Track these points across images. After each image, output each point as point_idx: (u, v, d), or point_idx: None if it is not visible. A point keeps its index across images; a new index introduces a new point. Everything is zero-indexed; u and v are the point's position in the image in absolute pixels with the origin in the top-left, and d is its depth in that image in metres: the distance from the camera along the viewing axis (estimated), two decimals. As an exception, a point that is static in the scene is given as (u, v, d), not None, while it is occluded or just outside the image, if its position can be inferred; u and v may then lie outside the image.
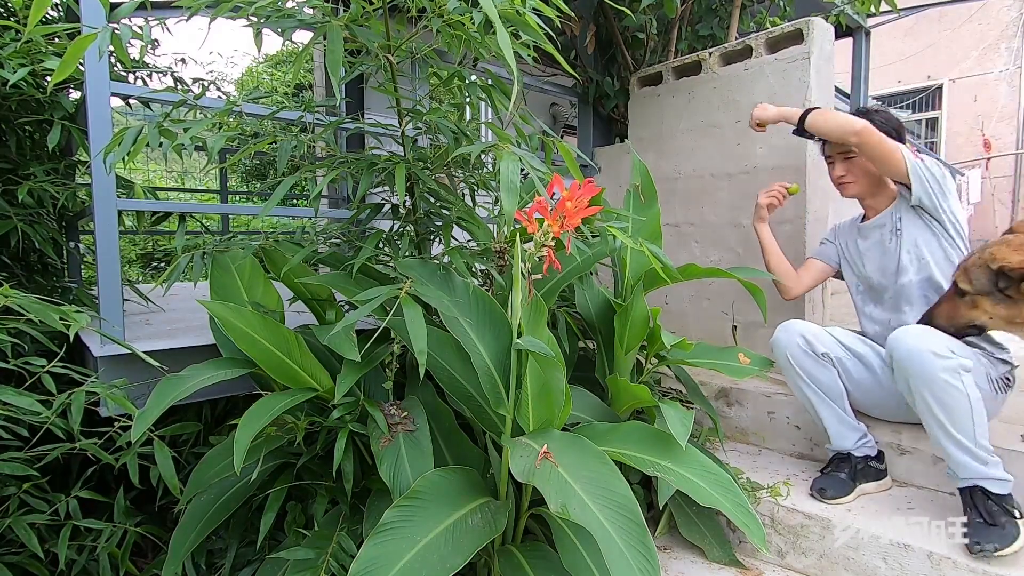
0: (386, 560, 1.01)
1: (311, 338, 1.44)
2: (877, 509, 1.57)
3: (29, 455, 1.34)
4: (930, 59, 9.14)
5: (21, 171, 1.94)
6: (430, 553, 1.03)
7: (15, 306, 1.13)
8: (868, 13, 3.56)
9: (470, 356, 1.25)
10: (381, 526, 1.06)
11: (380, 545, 1.03)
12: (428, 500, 1.13)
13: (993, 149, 8.69)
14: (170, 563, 1.32)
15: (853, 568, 1.47)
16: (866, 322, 1.83)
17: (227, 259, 1.54)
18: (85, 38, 1.12)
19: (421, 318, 1.12)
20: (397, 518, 1.08)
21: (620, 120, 2.93)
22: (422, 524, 1.08)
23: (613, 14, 2.68)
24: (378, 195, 1.68)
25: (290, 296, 1.61)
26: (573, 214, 1.05)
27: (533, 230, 1.09)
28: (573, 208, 1.04)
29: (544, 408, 1.25)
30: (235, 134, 1.63)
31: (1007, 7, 8.53)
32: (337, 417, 1.32)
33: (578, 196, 1.04)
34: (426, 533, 1.07)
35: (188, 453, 1.83)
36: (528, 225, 1.10)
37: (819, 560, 1.53)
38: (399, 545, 1.04)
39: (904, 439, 1.72)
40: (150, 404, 1.23)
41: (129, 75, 2.32)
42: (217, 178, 5.69)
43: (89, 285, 2.28)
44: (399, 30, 1.43)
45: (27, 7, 1.82)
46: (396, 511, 1.09)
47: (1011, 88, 8.57)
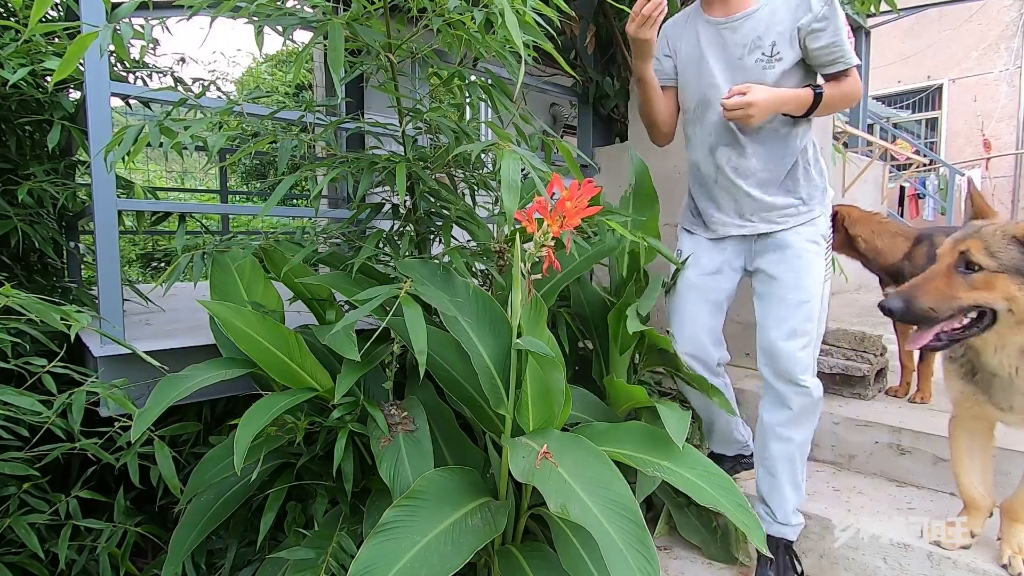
0: (385, 560, 1.01)
1: (311, 338, 1.44)
2: (877, 509, 1.57)
3: (29, 455, 1.34)
4: (930, 59, 9.14)
5: (21, 171, 1.94)
6: (430, 553, 1.03)
7: (16, 306, 1.13)
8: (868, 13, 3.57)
9: (470, 356, 1.25)
10: (381, 526, 1.06)
11: (380, 545, 1.03)
12: (428, 500, 1.13)
13: (993, 149, 8.69)
14: (170, 563, 1.32)
15: (853, 568, 1.47)
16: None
17: (227, 259, 1.54)
18: (87, 36, 1.12)
19: (421, 318, 1.12)
20: (397, 518, 1.08)
21: (620, 120, 2.93)
22: (422, 524, 1.08)
23: (613, 14, 2.68)
24: (378, 195, 1.68)
25: (290, 296, 1.61)
26: (573, 214, 1.05)
27: (533, 230, 1.09)
28: (573, 208, 1.04)
29: (544, 408, 1.25)
30: (236, 134, 1.63)
31: (1007, 7, 8.53)
32: (337, 417, 1.32)
33: (578, 196, 1.04)
34: (426, 533, 1.07)
35: (188, 453, 1.83)
36: (528, 225, 1.10)
37: (819, 560, 1.53)
38: (399, 545, 1.04)
39: (904, 439, 1.72)
40: (150, 404, 1.23)
41: (129, 75, 2.32)
42: (217, 178, 5.69)
43: (89, 285, 2.28)
44: (399, 30, 1.43)
45: (27, 7, 1.82)
46: (396, 511, 1.09)
47: (1011, 88, 8.57)
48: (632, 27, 1.42)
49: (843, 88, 1.46)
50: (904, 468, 1.71)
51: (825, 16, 1.39)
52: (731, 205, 1.58)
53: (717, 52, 1.49)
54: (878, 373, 2.10)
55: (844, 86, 1.46)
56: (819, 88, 1.43)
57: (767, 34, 1.43)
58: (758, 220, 1.55)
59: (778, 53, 1.42)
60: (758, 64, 1.44)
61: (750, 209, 1.55)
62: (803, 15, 1.40)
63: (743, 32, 1.45)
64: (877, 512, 1.55)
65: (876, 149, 4.93)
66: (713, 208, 1.62)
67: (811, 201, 1.54)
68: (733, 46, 1.46)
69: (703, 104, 1.54)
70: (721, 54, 1.48)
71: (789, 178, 1.53)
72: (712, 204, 1.62)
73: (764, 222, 1.54)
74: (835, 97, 1.46)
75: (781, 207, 1.52)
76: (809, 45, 1.41)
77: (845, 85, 1.45)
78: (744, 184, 1.52)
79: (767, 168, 1.51)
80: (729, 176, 1.54)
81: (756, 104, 1.37)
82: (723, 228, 1.60)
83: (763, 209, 1.54)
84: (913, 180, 7.05)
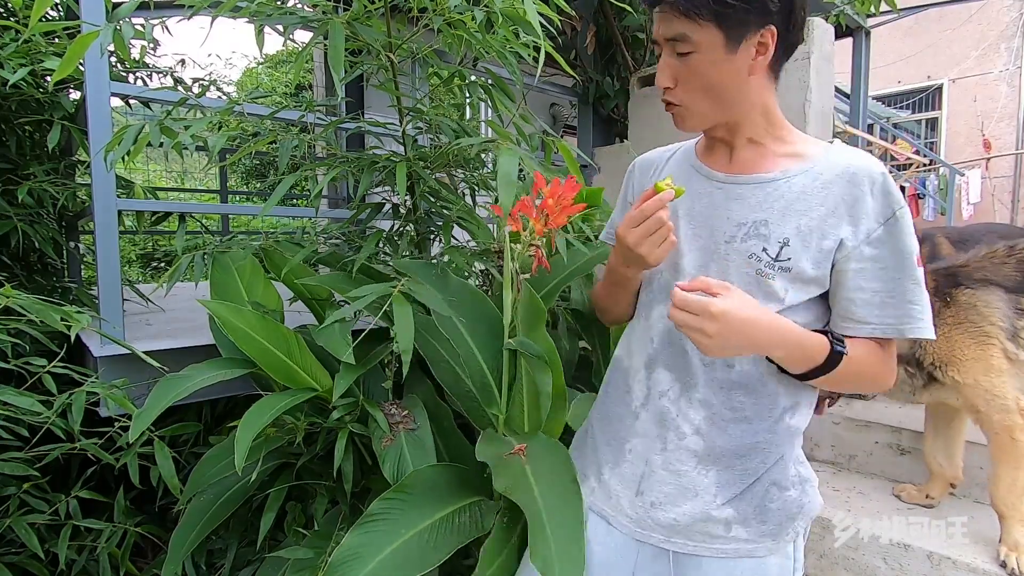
0: (369, 550, 1.01)
1: (311, 338, 1.44)
2: (877, 509, 1.57)
3: (29, 455, 1.35)
4: (930, 59, 9.14)
5: (21, 171, 1.94)
6: (411, 547, 1.03)
7: (16, 306, 1.13)
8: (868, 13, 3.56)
9: (462, 355, 1.25)
10: (367, 516, 1.06)
11: (366, 534, 1.04)
12: (416, 495, 1.13)
13: (993, 149, 8.69)
14: (170, 563, 1.32)
15: (853, 568, 1.47)
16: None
17: (227, 259, 1.54)
18: (88, 36, 1.12)
19: (410, 317, 1.12)
20: (384, 509, 1.08)
21: (620, 120, 2.93)
22: (409, 518, 1.08)
23: (613, 14, 2.68)
24: (378, 194, 1.68)
25: (290, 296, 1.61)
26: (556, 212, 1.03)
27: (517, 228, 1.07)
28: (555, 205, 1.02)
29: (536, 412, 1.23)
30: (236, 134, 1.63)
31: (1007, 7, 8.53)
32: (337, 418, 1.32)
33: (560, 193, 1.01)
34: (412, 527, 1.07)
35: (188, 453, 1.83)
36: (513, 224, 1.08)
37: (819, 560, 1.53)
38: (384, 536, 1.04)
39: (904, 439, 1.72)
40: (149, 404, 1.23)
41: (129, 75, 2.32)
42: (217, 178, 5.69)
43: (89, 285, 2.28)
44: (399, 29, 1.43)
45: (27, 7, 1.82)
46: (384, 503, 1.09)
47: (1011, 88, 8.57)
48: (635, 236, 0.83)
49: (876, 361, 0.83)
50: (904, 468, 1.71)
51: (886, 236, 0.79)
52: (639, 468, 0.91)
53: (698, 219, 0.89)
54: (878, 373, 2.09)
55: (878, 360, 0.83)
56: (841, 346, 0.81)
57: (780, 223, 0.82)
58: (665, 524, 0.88)
59: (788, 258, 0.81)
60: (749, 263, 0.83)
61: (663, 493, 0.88)
62: (857, 219, 0.80)
63: (746, 206, 0.85)
64: (877, 512, 1.55)
65: (876, 149, 4.93)
66: (611, 459, 0.95)
67: (769, 537, 0.86)
68: (724, 220, 0.86)
69: (654, 289, 0.94)
70: (703, 224, 0.88)
71: (743, 478, 0.86)
72: (615, 448, 0.95)
73: (678, 535, 0.88)
74: (860, 370, 0.83)
75: (715, 520, 0.86)
76: (846, 279, 0.81)
77: (879, 359, 0.83)
78: (677, 442, 0.88)
79: (715, 437, 0.86)
80: (659, 414, 0.90)
81: (722, 319, 0.74)
82: (614, 510, 0.93)
83: (683, 502, 0.87)
84: (913, 180, 7.04)
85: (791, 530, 0.87)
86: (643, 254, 0.83)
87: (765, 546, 0.86)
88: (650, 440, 0.90)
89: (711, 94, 0.83)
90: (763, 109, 0.87)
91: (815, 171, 0.83)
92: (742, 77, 0.82)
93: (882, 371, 0.84)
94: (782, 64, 0.86)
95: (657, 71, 0.85)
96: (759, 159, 0.87)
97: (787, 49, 0.84)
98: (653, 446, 0.90)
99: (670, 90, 0.85)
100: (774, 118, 0.88)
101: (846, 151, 0.84)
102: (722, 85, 0.82)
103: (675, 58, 0.82)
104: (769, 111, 0.87)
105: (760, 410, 0.85)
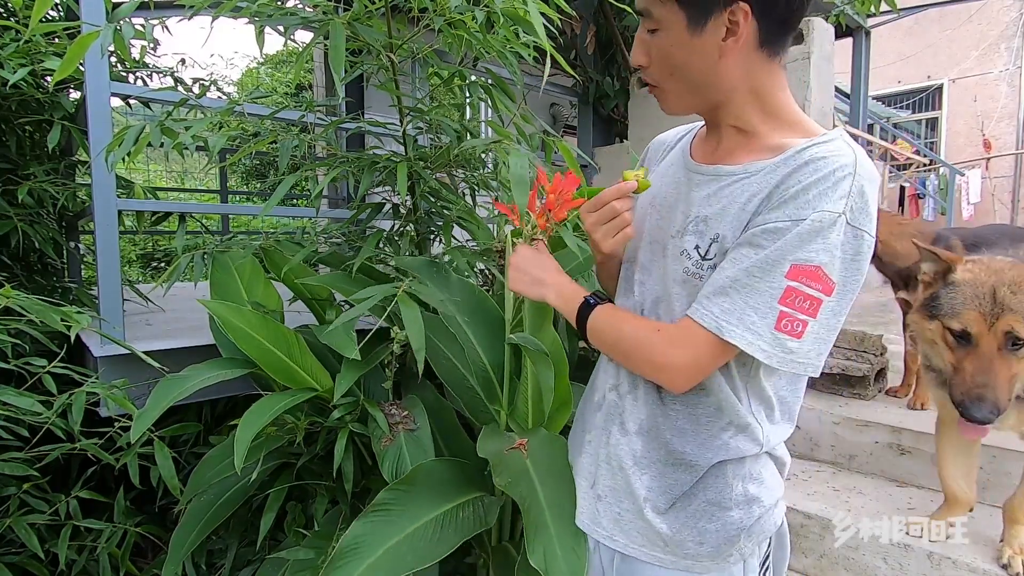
0: (375, 539, 1.02)
1: (311, 338, 1.44)
2: (877, 509, 1.57)
3: (29, 455, 1.35)
4: (930, 59, 9.14)
5: (21, 171, 1.94)
6: (417, 539, 1.04)
7: (16, 306, 1.13)
8: (868, 13, 3.56)
9: (465, 351, 1.25)
10: (374, 506, 1.07)
11: (372, 524, 1.04)
12: (422, 487, 1.14)
13: (993, 149, 8.69)
14: (170, 563, 1.32)
15: (853, 568, 1.47)
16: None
17: (227, 259, 1.54)
18: (87, 36, 1.12)
19: (419, 317, 1.12)
20: (390, 500, 1.09)
21: (620, 120, 2.93)
22: (414, 509, 1.09)
23: (613, 14, 2.68)
24: (379, 194, 1.68)
25: (290, 296, 1.61)
26: (557, 207, 1.04)
27: (517, 222, 1.08)
28: (556, 200, 1.03)
29: (540, 407, 1.24)
30: (236, 134, 1.63)
31: (1007, 7, 8.53)
32: (337, 417, 1.32)
33: (561, 188, 1.02)
34: (416, 519, 1.07)
35: (188, 453, 1.83)
36: (513, 217, 1.09)
37: (819, 560, 1.53)
38: (390, 527, 1.05)
39: (904, 439, 1.72)
40: (150, 404, 1.23)
41: (129, 75, 2.32)
42: (217, 178, 5.69)
43: (89, 285, 2.28)
44: (400, 29, 1.43)
45: (27, 7, 1.82)
46: (390, 493, 1.09)
47: (1011, 88, 8.57)
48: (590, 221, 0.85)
49: (652, 338, 0.77)
50: (904, 468, 1.71)
51: (782, 227, 0.68)
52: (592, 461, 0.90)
53: (661, 209, 0.85)
54: (878, 373, 2.10)
55: (660, 338, 0.76)
56: (596, 298, 0.84)
57: (718, 219, 0.75)
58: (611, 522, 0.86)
59: (713, 256, 0.75)
60: (680, 259, 0.78)
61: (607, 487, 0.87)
62: (771, 205, 0.70)
63: (697, 200, 0.79)
64: (877, 512, 1.55)
65: (876, 149, 4.93)
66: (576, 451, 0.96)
67: (708, 558, 0.81)
68: (679, 212, 0.81)
69: (621, 280, 0.93)
70: (665, 216, 0.84)
71: (672, 489, 0.82)
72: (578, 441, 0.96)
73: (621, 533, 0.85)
74: (614, 333, 0.81)
75: (652, 528, 0.82)
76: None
77: (664, 338, 0.76)
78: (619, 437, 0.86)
79: (651, 440, 0.83)
80: (609, 407, 0.89)
81: (516, 264, 0.89)
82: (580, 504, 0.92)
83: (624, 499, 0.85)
84: (913, 180, 7.04)
85: (734, 552, 0.80)
86: (596, 240, 0.83)
87: (704, 565, 0.81)
88: (600, 432, 0.89)
89: (678, 75, 0.76)
90: (753, 93, 0.76)
91: (776, 166, 0.72)
92: (711, 60, 0.73)
93: (662, 351, 0.75)
94: (780, 40, 0.75)
95: (632, 47, 0.80)
96: (737, 149, 0.78)
97: (781, 25, 0.73)
98: (601, 438, 0.89)
99: (645, 69, 0.79)
100: (771, 102, 0.77)
101: (832, 147, 0.71)
102: (688, 67, 0.75)
103: (647, 35, 0.76)
104: (763, 94, 0.77)
105: (693, 423, 0.80)
